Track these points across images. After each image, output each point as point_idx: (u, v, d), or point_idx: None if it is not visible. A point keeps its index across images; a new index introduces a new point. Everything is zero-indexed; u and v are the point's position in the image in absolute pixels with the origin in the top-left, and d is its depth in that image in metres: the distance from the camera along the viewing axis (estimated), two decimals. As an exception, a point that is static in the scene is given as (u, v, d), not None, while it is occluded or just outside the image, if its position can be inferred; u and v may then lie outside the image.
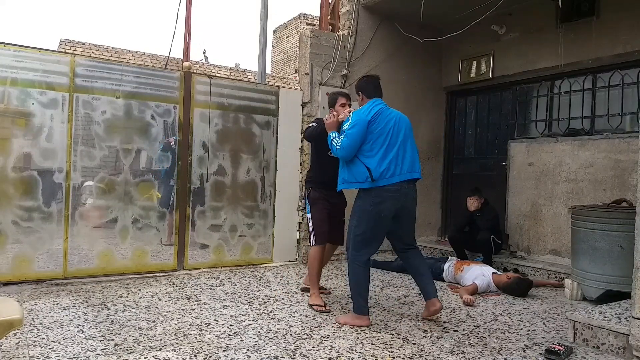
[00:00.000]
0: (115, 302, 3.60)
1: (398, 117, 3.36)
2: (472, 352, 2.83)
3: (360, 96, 3.48)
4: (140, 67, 5.03)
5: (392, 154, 3.23)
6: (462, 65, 6.45)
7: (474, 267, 4.51)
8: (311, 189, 3.84)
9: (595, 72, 5.12)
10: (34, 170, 4.13)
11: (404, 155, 3.29)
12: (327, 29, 5.94)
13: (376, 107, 3.32)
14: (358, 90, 3.50)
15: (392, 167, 3.21)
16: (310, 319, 3.36)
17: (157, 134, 4.69)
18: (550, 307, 3.90)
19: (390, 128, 3.27)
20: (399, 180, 3.22)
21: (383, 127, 3.25)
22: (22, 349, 2.63)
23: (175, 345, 2.77)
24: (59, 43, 11.74)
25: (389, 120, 3.30)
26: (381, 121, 3.26)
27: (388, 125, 3.27)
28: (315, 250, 3.75)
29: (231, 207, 5.09)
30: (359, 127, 3.23)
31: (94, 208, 4.42)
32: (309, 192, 3.84)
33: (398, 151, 3.26)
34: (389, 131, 3.26)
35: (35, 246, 4.13)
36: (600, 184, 4.83)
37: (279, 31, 17.54)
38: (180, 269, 4.77)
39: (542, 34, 5.48)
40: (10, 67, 4.03)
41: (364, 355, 2.71)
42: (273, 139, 5.37)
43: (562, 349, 2.77)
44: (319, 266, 3.78)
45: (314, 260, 3.74)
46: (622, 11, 4.80)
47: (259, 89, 5.41)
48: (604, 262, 3.81)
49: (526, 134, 5.81)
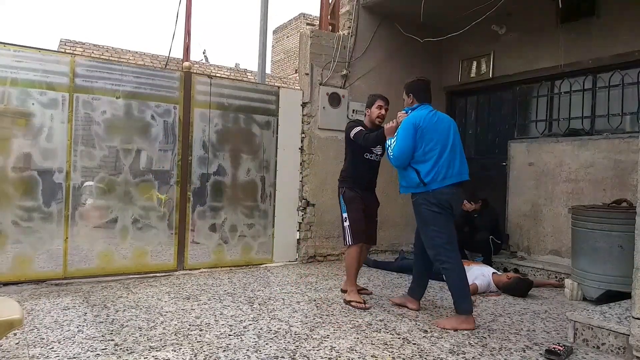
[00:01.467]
0: (115, 302, 3.60)
1: (448, 121, 3.44)
2: (472, 352, 2.83)
3: (411, 98, 3.51)
4: (140, 67, 5.03)
5: (443, 158, 3.30)
6: (462, 65, 6.45)
7: (474, 267, 4.51)
8: (345, 188, 3.84)
9: (596, 72, 5.12)
10: (34, 170, 4.13)
11: (454, 158, 3.36)
12: (327, 29, 5.94)
13: (425, 112, 3.39)
14: (409, 92, 3.53)
15: (442, 171, 3.29)
16: (310, 319, 3.36)
17: (157, 134, 4.69)
18: (550, 307, 3.90)
19: (440, 133, 3.34)
20: (450, 182, 3.31)
21: (432, 132, 3.31)
22: (22, 349, 2.63)
23: (175, 345, 2.77)
24: (59, 43, 11.74)
25: (439, 124, 3.36)
26: (431, 126, 3.33)
27: (438, 130, 3.34)
28: (353, 249, 3.78)
29: (231, 207, 5.09)
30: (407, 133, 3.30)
31: (94, 208, 4.42)
32: (343, 191, 3.84)
33: (449, 155, 3.33)
34: (439, 136, 3.32)
35: (35, 246, 4.13)
36: (601, 184, 4.83)
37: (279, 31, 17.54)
38: (180, 269, 4.77)
39: (542, 34, 5.48)
40: (10, 67, 4.03)
41: (364, 355, 2.71)
42: (273, 139, 5.37)
43: (562, 349, 2.77)
44: (358, 265, 3.83)
45: (352, 260, 3.77)
46: (622, 11, 4.80)
47: (259, 89, 5.41)
48: (604, 262, 3.81)
49: (526, 134, 5.81)
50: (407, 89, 3.55)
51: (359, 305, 3.65)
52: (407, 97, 3.54)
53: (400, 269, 5.08)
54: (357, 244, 3.78)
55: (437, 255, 3.33)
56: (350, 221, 3.77)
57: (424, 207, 3.33)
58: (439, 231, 3.31)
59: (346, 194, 3.82)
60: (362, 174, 3.86)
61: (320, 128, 5.60)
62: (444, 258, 3.29)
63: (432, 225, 3.32)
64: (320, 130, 5.61)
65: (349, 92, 5.79)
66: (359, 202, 3.81)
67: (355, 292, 3.79)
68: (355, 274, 3.83)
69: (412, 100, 3.50)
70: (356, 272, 3.86)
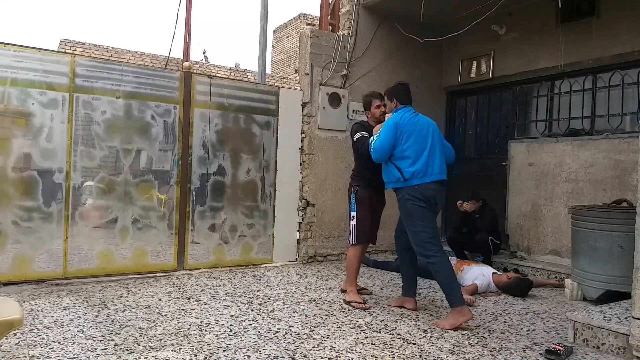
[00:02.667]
0: (115, 302, 3.60)
1: (427, 123, 3.59)
2: (472, 352, 2.83)
3: (394, 102, 3.67)
4: (140, 67, 5.02)
5: (423, 157, 3.44)
6: (462, 65, 6.45)
7: (474, 267, 4.51)
8: (359, 187, 3.85)
9: (596, 72, 5.12)
10: (34, 170, 4.13)
11: (434, 157, 3.49)
12: (327, 29, 5.94)
13: (407, 113, 3.56)
14: (392, 96, 3.69)
15: (423, 169, 3.43)
16: (310, 319, 3.36)
17: (157, 134, 4.69)
18: (550, 307, 3.90)
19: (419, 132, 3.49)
20: (430, 180, 3.43)
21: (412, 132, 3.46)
22: (22, 349, 2.63)
23: (175, 345, 2.77)
24: (59, 43, 11.73)
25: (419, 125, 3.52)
26: (411, 126, 3.48)
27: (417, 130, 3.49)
28: (356, 249, 3.82)
29: (231, 207, 5.09)
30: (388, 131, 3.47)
31: (94, 208, 4.42)
32: (356, 190, 3.85)
33: (428, 154, 3.46)
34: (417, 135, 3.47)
35: (35, 246, 4.13)
36: (601, 184, 4.83)
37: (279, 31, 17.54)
38: (180, 269, 4.77)
39: (542, 34, 5.48)
40: (10, 67, 4.03)
41: (364, 355, 2.71)
42: (273, 139, 5.37)
43: (562, 349, 2.77)
44: (359, 264, 3.86)
45: (354, 258, 3.81)
46: (622, 11, 4.80)
47: (259, 89, 5.41)
48: (604, 262, 3.81)
49: (526, 134, 5.80)
50: (390, 95, 3.73)
51: (359, 305, 3.66)
52: (389, 102, 3.72)
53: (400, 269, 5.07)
54: (361, 244, 3.82)
55: (423, 250, 3.38)
56: (357, 221, 3.79)
57: (411, 203, 3.42)
58: (424, 226, 3.39)
59: (359, 194, 3.83)
60: (373, 172, 3.87)
61: (320, 128, 5.60)
62: (430, 253, 3.35)
63: (418, 220, 3.39)
64: (320, 130, 5.61)
65: (349, 92, 5.79)
66: (368, 204, 3.84)
67: (355, 292, 3.80)
68: (355, 273, 3.85)
69: (396, 104, 3.66)
70: (356, 272, 3.87)
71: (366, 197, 3.83)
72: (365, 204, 3.82)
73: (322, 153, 5.63)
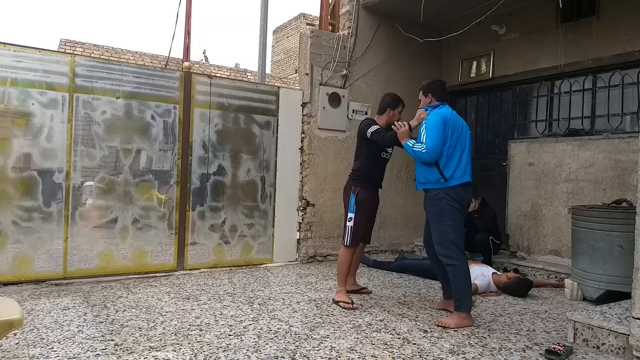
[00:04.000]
0: (115, 302, 3.60)
1: (464, 123, 3.55)
2: (472, 352, 2.83)
3: (429, 98, 3.57)
4: (140, 67, 5.02)
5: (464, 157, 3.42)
6: (462, 65, 6.45)
7: (474, 267, 4.50)
8: (360, 188, 3.81)
9: (595, 72, 5.12)
10: (34, 170, 4.13)
11: (469, 159, 3.49)
12: (327, 29, 5.94)
13: (452, 111, 3.49)
14: (428, 92, 3.59)
15: (462, 168, 3.40)
16: (310, 319, 3.36)
17: (157, 134, 4.69)
18: (550, 307, 3.90)
19: (460, 132, 3.44)
20: (467, 181, 3.42)
21: (455, 130, 3.41)
22: (22, 349, 2.63)
23: (175, 345, 2.77)
24: (59, 43, 11.73)
25: (460, 124, 3.47)
26: (456, 124, 3.43)
27: (458, 129, 3.44)
28: (348, 250, 3.80)
29: (231, 207, 5.09)
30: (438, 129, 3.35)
31: (94, 208, 4.43)
32: (357, 191, 3.81)
33: (467, 154, 3.46)
34: (459, 135, 3.42)
35: (35, 246, 4.13)
36: (601, 184, 4.83)
37: (279, 31, 17.53)
38: (180, 269, 4.77)
39: (542, 34, 5.48)
40: (10, 67, 4.03)
41: (364, 355, 2.71)
42: (273, 139, 5.37)
43: (562, 349, 2.77)
44: (349, 265, 3.85)
45: (346, 260, 3.79)
46: (622, 11, 4.80)
47: (259, 89, 5.41)
48: (604, 262, 3.81)
49: (526, 134, 5.80)
50: (426, 89, 3.60)
51: (347, 305, 3.63)
52: (424, 97, 3.60)
53: (400, 269, 5.08)
54: (354, 246, 3.80)
55: (447, 251, 3.35)
56: (354, 223, 3.76)
57: (445, 201, 3.35)
58: (453, 227, 3.35)
59: (359, 195, 3.79)
60: (377, 172, 3.88)
61: (320, 128, 5.60)
62: (454, 255, 3.32)
63: (448, 221, 3.35)
64: (320, 130, 5.61)
65: (349, 92, 5.79)
66: (368, 207, 3.84)
67: (345, 292, 3.79)
68: (346, 274, 3.82)
69: (431, 100, 3.56)
70: (347, 273, 3.85)
71: (367, 200, 3.81)
72: (366, 207, 3.81)
73: (322, 153, 5.63)
